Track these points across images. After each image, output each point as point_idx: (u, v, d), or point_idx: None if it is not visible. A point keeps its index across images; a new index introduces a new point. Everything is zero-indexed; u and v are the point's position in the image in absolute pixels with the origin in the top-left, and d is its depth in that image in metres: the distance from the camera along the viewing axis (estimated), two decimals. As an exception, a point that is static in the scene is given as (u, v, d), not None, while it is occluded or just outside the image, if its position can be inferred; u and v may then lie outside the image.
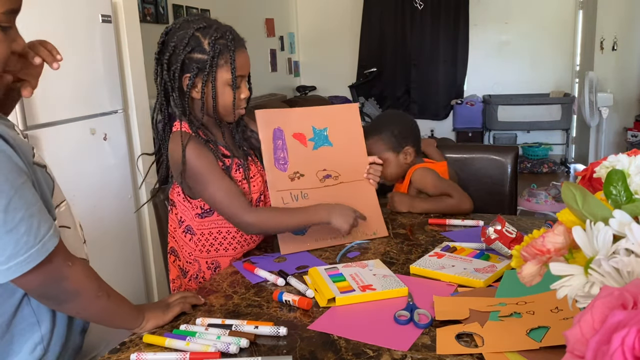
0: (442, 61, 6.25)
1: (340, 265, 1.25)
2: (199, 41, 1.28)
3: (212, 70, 1.28)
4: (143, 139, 2.66)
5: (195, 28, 1.28)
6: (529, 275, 0.70)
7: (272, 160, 1.43)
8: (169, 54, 1.29)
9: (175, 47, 1.28)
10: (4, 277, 0.83)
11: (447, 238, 1.44)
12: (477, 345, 0.88)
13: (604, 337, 0.48)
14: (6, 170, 0.82)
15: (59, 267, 0.88)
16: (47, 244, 0.85)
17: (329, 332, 0.96)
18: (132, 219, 2.58)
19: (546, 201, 3.84)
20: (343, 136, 1.52)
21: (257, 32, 5.62)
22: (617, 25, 5.08)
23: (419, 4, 6.22)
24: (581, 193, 0.66)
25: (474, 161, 2.01)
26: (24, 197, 0.83)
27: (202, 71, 1.28)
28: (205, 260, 1.41)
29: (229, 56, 1.29)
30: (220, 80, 1.30)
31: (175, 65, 1.29)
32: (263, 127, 1.43)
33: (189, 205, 1.38)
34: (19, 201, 0.82)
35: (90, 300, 0.94)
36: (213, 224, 1.39)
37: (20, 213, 0.82)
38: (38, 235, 0.84)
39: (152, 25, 3.90)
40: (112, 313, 0.98)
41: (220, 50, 1.28)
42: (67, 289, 0.89)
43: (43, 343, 0.95)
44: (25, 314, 0.94)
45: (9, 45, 0.88)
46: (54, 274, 0.88)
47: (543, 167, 5.59)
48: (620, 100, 5.13)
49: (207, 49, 1.28)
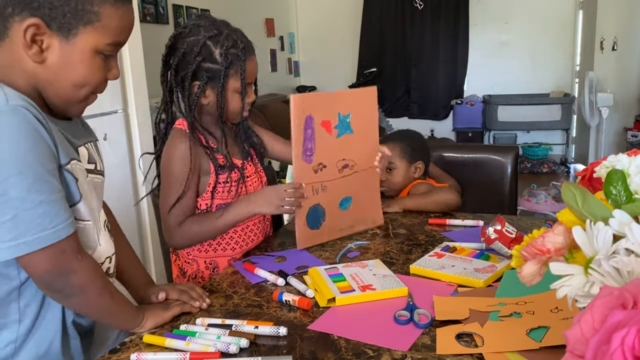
0: (442, 61, 6.25)
1: (340, 265, 1.25)
2: (211, 50, 1.28)
3: (223, 81, 1.29)
4: (143, 139, 2.66)
5: (207, 36, 1.28)
6: (529, 275, 0.70)
7: (300, 151, 1.37)
8: (178, 60, 1.29)
9: (185, 53, 1.28)
10: (10, 253, 0.83)
11: (447, 238, 1.44)
12: (477, 345, 0.88)
13: (604, 336, 0.48)
14: (40, 151, 0.84)
15: (69, 259, 0.88)
16: (59, 231, 0.85)
17: (329, 332, 0.96)
18: (132, 219, 2.58)
19: (546, 201, 3.84)
20: (362, 122, 1.47)
21: (257, 32, 5.62)
22: (617, 25, 5.08)
23: (419, 4, 6.22)
24: (581, 193, 0.66)
25: (474, 161, 2.01)
26: (50, 183, 0.84)
27: (212, 80, 1.29)
28: (204, 259, 1.41)
29: (240, 66, 1.30)
30: (230, 89, 1.32)
31: (184, 71, 1.29)
32: (297, 114, 1.35)
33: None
34: (45, 185, 0.83)
35: (95, 298, 0.94)
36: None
37: (42, 196, 0.83)
38: (53, 221, 0.84)
39: (152, 25, 3.90)
40: (114, 312, 0.98)
41: (231, 61, 1.29)
42: (73, 283, 0.89)
43: (15, 343, 0.94)
44: (10, 309, 0.93)
45: (106, 73, 0.93)
46: (64, 264, 0.87)
47: (543, 167, 5.60)
48: (620, 100, 5.13)
49: (218, 59, 1.28)
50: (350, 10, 6.46)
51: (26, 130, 0.82)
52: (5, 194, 0.81)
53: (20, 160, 0.81)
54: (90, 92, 0.94)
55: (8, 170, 0.81)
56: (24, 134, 0.82)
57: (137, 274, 1.20)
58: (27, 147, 0.82)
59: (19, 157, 0.81)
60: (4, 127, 0.81)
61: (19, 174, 0.81)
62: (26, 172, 0.82)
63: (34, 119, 0.83)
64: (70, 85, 0.90)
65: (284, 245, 1.45)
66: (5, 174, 0.80)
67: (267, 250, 1.43)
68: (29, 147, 0.82)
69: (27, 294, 0.93)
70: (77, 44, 0.87)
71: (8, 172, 0.81)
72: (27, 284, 0.93)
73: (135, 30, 2.63)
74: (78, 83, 0.90)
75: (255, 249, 1.45)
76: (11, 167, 0.81)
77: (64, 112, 0.96)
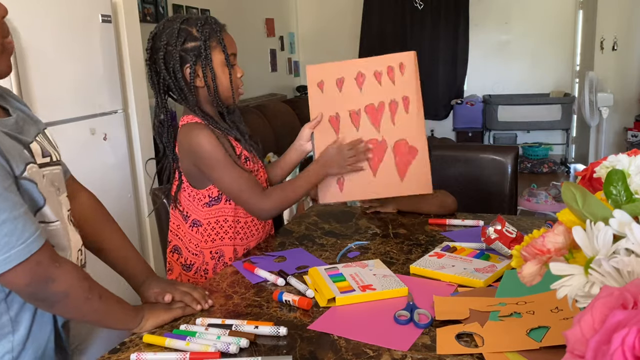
0: (442, 61, 6.25)
1: (340, 265, 1.25)
2: (188, 31, 1.35)
3: (207, 54, 1.35)
4: (143, 139, 2.67)
5: (179, 22, 1.35)
6: (529, 275, 0.70)
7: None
8: (163, 53, 1.34)
9: (168, 43, 1.34)
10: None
11: (447, 238, 1.44)
12: (477, 345, 0.88)
13: (604, 337, 0.48)
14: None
15: (46, 268, 0.87)
16: (29, 245, 0.84)
17: (329, 332, 0.96)
18: (132, 219, 2.58)
19: (546, 201, 3.83)
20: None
21: (257, 32, 5.62)
22: (617, 25, 5.08)
23: (419, 4, 6.22)
24: (581, 193, 0.66)
25: (474, 161, 2.01)
26: (8, 200, 0.83)
27: (199, 57, 1.35)
28: (210, 250, 1.43)
29: (218, 37, 1.36)
30: (216, 62, 1.36)
31: (172, 60, 1.34)
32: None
33: (196, 197, 1.41)
34: (4, 203, 0.82)
35: (81, 301, 0.93)
36: (220, 212, 1.42)
37: (4, 215, 0.82)
38: (21, 237, 0.83)
39: (152, 25, 3.86)
40: (105, 314, 0.97)
41: (209, 33, 1.35)
42: (55, 290, 0.88)
43: (12, 353, 0.93)
44: (2, 322, 0.92)
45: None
46: (41, 275, 0.87)
47: (543, 167, 5.59)
48: (620, 100, 5.13)
49: (197, 35, 1.35)
50: (350, 10, 6.46)
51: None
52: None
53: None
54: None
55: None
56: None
57: (132, 262, 1.17)
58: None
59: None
60: None
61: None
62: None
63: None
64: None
65: (284, 245, 1.45)
66: None
67: (267, 250, 1.43)
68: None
69: (15, 305, 0.93)
70: None
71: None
72: (13, 295, 0.92)
73: (135, 30, 2.64)
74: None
75: (255, 249, 1.45)
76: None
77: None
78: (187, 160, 1.39)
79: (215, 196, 1.41)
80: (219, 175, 1.35)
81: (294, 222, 1.64)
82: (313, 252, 1.39)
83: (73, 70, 2.25)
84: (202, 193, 1.41)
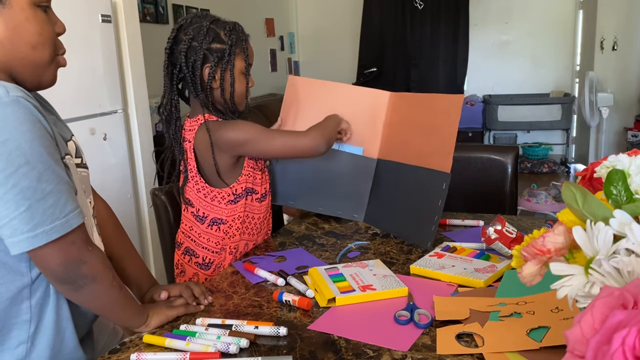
0: (442, 61, 6.24)
1: (340, 265, 1.25)
2: (216, 32, 1.36)
3: (231, 59, 1.36)
4: (143, 139, 2.67)
5: (209, 21, 1.36)
6: (529, 275, 0.70)
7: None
8: (187, 46, 1.34)
9: (193, 38, 1.34)
10: (30, 244, 0.83)
11: (447, 238, 1.44)
12: (477, 345, 0.88)
13: (605, 337, 0.47)
14: (45, 141, 0.85)
15: (81, 249, 0.88)
16: (71, 220, 0.86)
17: (329, 332, 0.96)
18: (132, 219, 2.58)
19: (546, 201, 3.83)
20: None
21: (257, 32, 5.62)
22: (617, 25, 5.08)
23: (419, 4, 6.22)
24: (581, 193, 0.66)
25: (474, 161, 2.01)
26: (56, 172, 0.85)
27: (221, 60, 1.35)
28: (230, 245, 1.44)
29: (243, 45, 1.38)
30: (236, 69, 1.38)
31: (194, 56, 1.34)
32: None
33: (217, 196, 1.41)
34: (52, 174, 0.84)
35: (106, 288, 0.94)
36: (242, 208, 1.43)
37: (51, 185, 0.84)
38: (64, 210, 0.85)
39: (152, 25, 3.90)
40: (122, 305, 0.98)
41: (235, 39, 1.36)
42: (85, 274, 0.89)
43: (27, 344, 0.93)
44: (22, 309, 0.92)
45: (52, 26, 0.94)
46: (75, 255, 0.88)
47: (543, 167, 5.60)
48: (620, 100, 5.13)
49: (224, 39, 1.36)
50: (350, 10, 6.46)
51: (30, 121, 0.83)
52: (17, 186, 0.81)
53: (28, 151, 0.82)
54: (52, 51, 0.94)
55: (17, 161, 0.81)
56: (28, 124, 0.82)
57: (140, 273, 1.20)
58: (32, 137, 0.82)
59: (25, 147, 0.82)
60: (9, 118, 0.81)
61: (27, 164, 0.82)
62: (34, 162, 0.82)
63: (35, 109, 0.84)
64: (29, 47, 0.90)
65: (284, 245, 1.45)
66: (15, 166, 0.81)
67: (267, 250, 1.43)
68: (34, 137, 0.83)
69: (38, 292, 0.93)
70: (14, 5, 0.87)
71: (17, 164, 0.81)
72: (38, 282, 0.93)
73: (135, 30, 2.64)
74: (34, 42, 0.90)
75: (255, 249, 1.45)
76: (20, 158, 0.81)
77: (39, 82, 0.95)
78: (222, 155, 1.37)
79: (239, 193, 1.42)
80: (267, 143, 1.37)
81: (294, 222, 1.64)
82: (313, 252, 1.39)
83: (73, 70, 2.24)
84: (225, 191, 1.41)
